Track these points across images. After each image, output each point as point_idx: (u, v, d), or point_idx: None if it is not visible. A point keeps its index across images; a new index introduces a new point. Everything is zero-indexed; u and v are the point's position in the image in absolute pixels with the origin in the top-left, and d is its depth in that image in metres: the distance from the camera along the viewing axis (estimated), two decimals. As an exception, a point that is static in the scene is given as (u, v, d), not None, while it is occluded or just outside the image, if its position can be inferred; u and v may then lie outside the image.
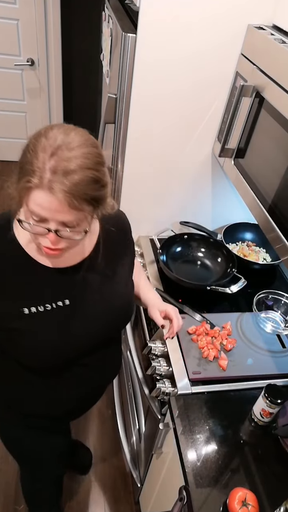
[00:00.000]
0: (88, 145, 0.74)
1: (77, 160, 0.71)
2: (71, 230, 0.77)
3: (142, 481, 1.54)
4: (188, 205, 1.63)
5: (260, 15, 1.17)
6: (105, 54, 1.61)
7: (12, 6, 2.75)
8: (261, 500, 0.91)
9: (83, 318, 0.93)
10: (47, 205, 0.72)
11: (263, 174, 1.10)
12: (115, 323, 1.02)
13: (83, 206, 0.74)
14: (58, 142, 0.72)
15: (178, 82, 1.27)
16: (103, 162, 0.77)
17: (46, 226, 0.75)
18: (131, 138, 1.39)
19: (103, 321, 0.96)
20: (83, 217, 0.76)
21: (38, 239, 0.79)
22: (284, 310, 1.42)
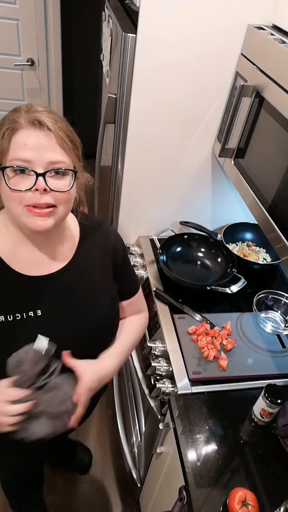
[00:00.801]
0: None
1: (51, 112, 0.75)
2: (58, 176, 0.74)
3: (142, 481, 1.54)
4: (188, 205, 1.63)
5: (260, 15, 1.17)
6: (105, 54, 1.61)
7: (12, 6, 2.75)
8: (261, 500, 0.91)
9: (55, 331, 0.85)
10: (35, 140, 0.71)
11: (263, 174, 1.10)
12: (95, 337, 0.94)
13: (68, 145, 0.74)
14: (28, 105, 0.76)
15: (178, 82, 1.27)
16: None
17: (33, 169, 0.71)
18: (131, 138, 1.39)
19: (78, 335, 0.90)
20: (69, 162, 0.76)
21: (23, 200, 0.73)
22: (284, 310, 1.42)
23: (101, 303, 0.94)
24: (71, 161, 0.77)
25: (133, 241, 1.70)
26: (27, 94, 3.16)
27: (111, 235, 1.00)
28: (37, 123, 0.71)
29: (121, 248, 1.00)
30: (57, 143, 0.73)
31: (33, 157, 0.71)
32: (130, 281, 1.07)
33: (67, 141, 0.74)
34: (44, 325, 0.85)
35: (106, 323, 0.96)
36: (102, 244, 0.96)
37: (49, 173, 0.73)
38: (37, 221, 0.75)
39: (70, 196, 0.79)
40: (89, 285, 0.92)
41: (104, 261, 0.96)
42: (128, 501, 1.75)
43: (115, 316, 1.00)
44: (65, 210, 0.79)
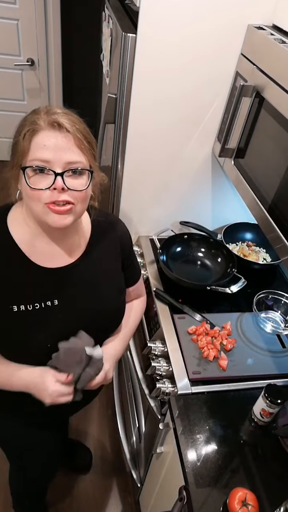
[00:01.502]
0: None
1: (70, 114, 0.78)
2: (75, 175, 0.78)
3: (142, 481, 1.54)
4: (188, 205, 1.63)
5: (260, 15, 1.17)
6: (105, 54, 1.61)
7: (12, 6, 2.75)
8: (261, 500, 0.91)
9: (71, 319, 0.93)
10: (53, 141, 0.74)
11: (263, 174, 1.10)
12: (105, 325, 1.01)
13: (85, 146, 0.77)
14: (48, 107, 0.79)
15: (178, 82, 1.27)
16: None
17: (52, 169, 0.75)
18: (131, 138, 1.39)
19: (90, 323, 0.96)
20: (85, 162, 0.79)
21: (42, 198, 0.77)
22: (284, 310, 1.42)
23: (110, 293, 1.00)
24: (87, 161, 0.80)
25: (133, 241, 1.70)
26: (27, 94, 3.16)
27: (119, 226, 1.05)
28: (56, 125, 0.75)
29: (128, 237, 1.07)
30: (75, 144, 0.76)
31: (52, 157, 0.75)
32: (135, 270, 1.13)
33: (84, 142, 0.78)
34: (61, 313, 0.91)
35: (114, 312, 1.03)
36: (111, 235, 1.02)
37: (66, 172, 0.76)
38: (56, 218, 0.79)
39: (87, 194, 0.83)
40: (100, 276, 0.98)
41: (114, 252, 1.02)
42: (128, 501, 1.75)
43: (122, 305, 1.07)
44: (82, 208, 0.83)
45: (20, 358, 0.92)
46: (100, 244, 0.99)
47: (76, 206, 0.81)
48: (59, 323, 0.91)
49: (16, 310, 0.87)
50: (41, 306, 0.89)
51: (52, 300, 0.90)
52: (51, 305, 0.90)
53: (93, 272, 0.97)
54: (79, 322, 0.94)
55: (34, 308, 0.88)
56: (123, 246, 1.05)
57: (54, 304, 0.90)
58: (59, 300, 0.91)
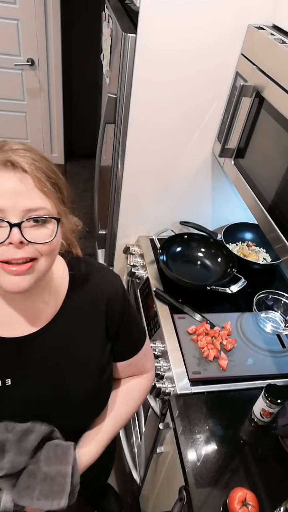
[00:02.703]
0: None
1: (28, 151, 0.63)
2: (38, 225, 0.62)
3: (142, 481, 1.54)
4: (188, 205, 1.63)
5: (260, 15, 1.17)
6: (105, 54, 1.61)
7: (12, 6, 2.75)
8: (261, 500, 0.91)
9: (26, 405, 0.75)
10: (8, 184, 0.59)
11: (263, 174, 1.10)
12: (71, 415, 0.80)
13: (48, 188, 0.62)
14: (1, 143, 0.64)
15: (178, 82, 1.27)
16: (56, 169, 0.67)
17: (5, 219, 0.60)
18: (131, 138, 1.39)
19: (52, 411, 0.77)
20: (50, 208, 0.64)
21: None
22: (284, 310, 1.42)
23: (83, 375, 0.80)
24: (53, 207, 0.64)
25: (133, 241, 1.70)
26: (27, 94, 3.16)
27: (107, 285, 0.83)
28: (9, 164, 0.60)
29: (119, 302, 0.83)
30: (35, 186, 0.61)
31: (6, 204, 0.59)
32: (131, 340, 0.89)
33: (47, 184, 0.62)
34: (13, 396, 0.74)
35: (88, 400, 0.81)
36: (94, 297, 0.81)
37: (26, 222, 0.61)
38: (13, 280, 0.63)
39: (53, 247, 0.66)
40: (71, 352, 0.78)
41: (95, 319, 0.81)
42: (128, 501, 1.75)
43: (102, 389, 0.84)
44: (48, 263, 0.66)
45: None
46: (75, 308, 0.78)
47: (39, 261, 0.64)
48: (10, 409, 0.74)
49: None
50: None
51: (4, 379, 0.73)
52: (2, 386, 0.73)
53: (61, 346, 0.77)
54: (38, 409, 0.75)
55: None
56: (110, 310, 0.82)
57: (5, 384, 0.73)
58: (13, 379, 0.73)
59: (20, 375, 0.74)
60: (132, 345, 0.89)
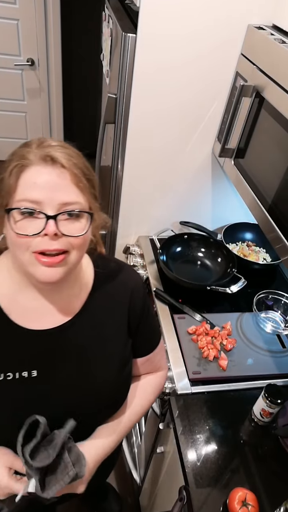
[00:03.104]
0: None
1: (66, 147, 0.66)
2: (72, 219, 0.65)
3: (142, 481, 1.54)
4: (188, 205, 1.63)
5: (260, 15, 1.17)
6: (105, 54, 1.61)
7: (12, 6, 2.75)
8: (261, 500, 0.91)
9: (50, 397, 0.76)
10: (46, 178, 0.62)
11: (263, 174, 1.10)
12: (96, 408, 0.81)
13: (84, 184, 0.65)
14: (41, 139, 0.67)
15: (178, 82, 1.27)
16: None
17: (42, 211, 0.63)
18: (131, 138, 1.39)
19: (76, 405, 0.78)
20: (84, 203, 0.66)
21: (30, 245, 0.64)
22: (284, 310, 1.42)
23: (107, 369, 0.81)
24: (86, 202, 0.67)
25: (133, 241, 1.70)
26: (27, 94, 3.16)
27: (131, 282, 0.86)
28: (49, 159, 0.63)
29: (140, 297, 0.86)
30: (72, 181, 0.64)
31: (44, 197, 0.62)
32: (149, 336, 0.92)
33: (83, 180, 0.65)
34: (38, 388, 0.75)
35: (110, 393, 0.83)
36: (118, 293, 0.84)
37: (61, 215, 0.63)
38: (46, 271, 0.65)
39: (85, 240, 0.69)
40: (97, 345, 0.80)
41: (119, 314, 0.84)
42: (128, 501, 1.75)
43: (124, 382, 0.86)
44: (79, 256, 0.69)
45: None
46: (101, 303, 0.81)
47: (71, 254, 0.67)
48: (34, 401, 0.75)
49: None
50: (15, 377, 0.73)
51: (30, 371, 0.74)
52: (28, 377, 0.74)
53: (87, 339, 0.79)
54: (62, 402, 0.77)
55: (6, 378, 0.72)
56: (132, 305, 0.85)
57: (31, 375, 0.74)
58: (39, 372, 0.75)
59: (46, 367, 0.75)
60: (151, 341, 0.92)
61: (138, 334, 0.87)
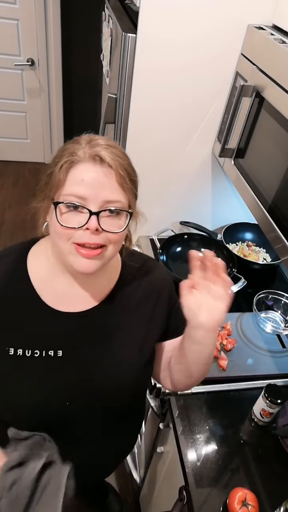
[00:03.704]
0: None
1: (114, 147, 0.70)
2: (112, 216, 0.69)
3: (142, 481, 1.54)
4: (188, 205, 1.63)
5: (260, 15, 1.17)
6: (105, 54, 1.61)
7: (12, 6, 2.75)
8: (261, 500, 0.91)
9: (73, 378, 0.79)
10: (93, 176, 0.66)
11: (263, 174, 1.10)
12: (114, 394, 0.83)
13: (127, 184, 0.69)
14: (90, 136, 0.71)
15: (178, 82, 1.27)
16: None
17: (87, 207, 0.66)
18: (131, 138, 1.39)
19: (97, 387, 0.80)
20: (125, 202, 0.70)
21: (72, 237, 0.68)
22: (284, 310, 1.42)
23: (130, 354, 0.83)
24: (127, 200, 0.71)
25: (133, 241, 1.70)
26: (27, 94, 3.16)
27: (156, 275, 0.89)
28: (98, 158, 0.66)
29: (168, 285, 0.89)
30: (116, 181, 0.68)
31: (89, 194, 0.66)
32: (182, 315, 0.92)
33: (127, 180, 0.69)
34: (62, 368, 0.78)
35: (131, 380, 0.84)
36: (144, 285, 0.86)
37: (103, 212, 0.68)
38: (84, 262, 0.70)
39: (122, 237, 0.74)
40: (121, 331, 0.83)
41: (145, 305, 0.86)
42: (128, 501, 1.75)
43: (145, 371, 0.87)
44: (114, 251, 0.73)
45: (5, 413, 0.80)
46: (129, 290, 0.84)
47: (108, 249, 0.71)
48: (56, 380, 0.78)
49: (12, 353, 0.76)
50: (41, 355, 0.77)
51: (56, 350, 0.77)
52: (54, 356, 0.77)
53: (114, 322, 0.82)
54: (83, 384, 0.79)
55: (33, 355, 0.76)
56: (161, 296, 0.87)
57: (57, 355, 0.77)
58: (64, 352, 0.78)
59: (71, 348, 0.78)
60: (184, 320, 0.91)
61: (171, 318, 0.89)
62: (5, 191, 3.22)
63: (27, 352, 0.76)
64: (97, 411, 0.84)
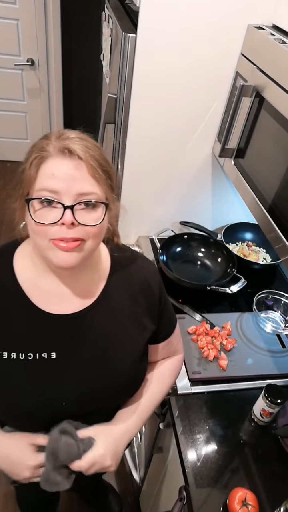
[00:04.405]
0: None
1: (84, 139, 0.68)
2: (88, 208, 0.67)
3: (142, 481, 1.54)
4: (188, 205, 1.63)
5: (260, 15, 1.17)
6: (105, 54, 1.61)
7: (12, 6, 2.75)
8: (261, 500, 0.91)
9: (68, 379, 0.79)
10: (64, 170, 0.65)
11: (263, 174, 1.10)
12: (111, 393, 0.84)
13: (100, 175, 0.67)
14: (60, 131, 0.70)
15: (178, 82, 1.27)
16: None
17: (60, 201, 0.65)
18: (131, 138, 1.39)
19: (93, 388, 0.81)
20: (100, 193, 0.69)
21: (48, 233, 0.67)
22: (284, 310, 1.42)
23: (125, 352, 0.84)
24: (103, 192, 0.70)
25: (133, 241, 1.70)
26: (27, 94, 3.16)
27: (146, 269, 0.89)
28: (67, 152, 0.65)
29: (157, 285, 0.89)
30: (88, 173, 0.67)
31: (61, 187, 0.65)
32: (169, 319, 0.95)
33: (99, 171, 0.68)
34: (57, 369, 0.78)
35: (128, 378, 0.85)
36: (135, 280, 0.86)
37: (78, 205, 0.66)
38: (63, 256, 0.69)
39: (101, 229, 0.72)
40: (115, 330, 0.83)
41: (136, 300, 0.86)
42: (128, 501, 1.75)
43: (140, 369, 0.88)
44: (94, 244, 0.72)
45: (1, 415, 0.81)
46: (120, 286, 0.84)
47: (87, 242, 0.70)
48: (51, 382, 0.78)
49: (6, 357, 0.76)
50: (35, 357, 0.76)
51: (50, 352, 0.77)
52: (47, 358, 0.77)
53: (107, 322, 0.82)
54: (79, 384, 0.80)
55: (27, 358, 0.76)
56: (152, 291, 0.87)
57: (51, 357, 0.77)
58: (58, 353, 0.77)
59: (65, 350, 0.78)
60: (171, 324, 0.95)
61: (161, 318, 0.90)
62: (5, 192, 3.22)
63: (20, 355, 0.76)
64: (94, 409, 0.84)
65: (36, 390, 0.77)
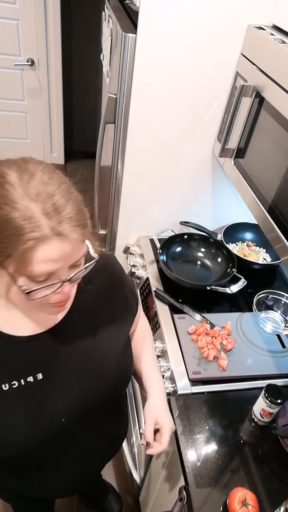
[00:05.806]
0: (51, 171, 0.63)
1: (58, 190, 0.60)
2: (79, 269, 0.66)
3: (142, 481, 1.54)
4: (188, 205, 1.63)
5: (260, 15, 1.17)
6: (105, 54, 1.61)
7: (12, 6, 2.75)
8: (261, 500, 0.91)
9: (64, 394, 0.78)
10: (60, 253, 0.60)
11: (263, 174, 1.10)
12: (108, 393, 0.85)
13: (87, 235, 0.64)
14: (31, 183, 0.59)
15: (178, 82, 1.27)
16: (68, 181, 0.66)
17: (58, 279, 0.62)
18: (131, 138, 1.39)
19: (91, 393, 0.81)
20: (85, 248, 0.66)
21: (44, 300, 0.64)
22: (284, 310, 1.42)
23: (112, 353, 0.85)
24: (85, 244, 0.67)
25: (133, 241, 1.70)
26: (27, 94, 3.16)
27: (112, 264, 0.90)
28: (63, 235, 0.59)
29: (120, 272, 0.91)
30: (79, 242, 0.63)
31: (59, 267, 0.61)
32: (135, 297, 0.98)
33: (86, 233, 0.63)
34: (50, 388, 0.76)
35: (118, 375, 0.86)
36: (106, 278, 0.86)
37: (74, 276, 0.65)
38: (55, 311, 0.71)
39: None
40: (94, 334, 0.82)
41: (110, 300, 0.86)
42: (128, 501, 1.75)
43: (128, 363, 0.90)
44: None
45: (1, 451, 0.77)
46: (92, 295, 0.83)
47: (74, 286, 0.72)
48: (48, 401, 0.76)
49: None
50: (20, 384, 0.74)
51: (35, 375, 0.75)
52: (34, 381, 0.75)
53: (85, 331, 0.81)
54: (77, 394, 0.79)
55: (11, 387, 0.73)
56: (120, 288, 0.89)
57: (37, 378, 0.75)
58: (44, 373, 0.76)
59: (50, 367, 0.76)
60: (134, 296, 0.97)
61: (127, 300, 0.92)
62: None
63: (4, 386, 0.73)
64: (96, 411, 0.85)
65: (31, 415, 0.75)
